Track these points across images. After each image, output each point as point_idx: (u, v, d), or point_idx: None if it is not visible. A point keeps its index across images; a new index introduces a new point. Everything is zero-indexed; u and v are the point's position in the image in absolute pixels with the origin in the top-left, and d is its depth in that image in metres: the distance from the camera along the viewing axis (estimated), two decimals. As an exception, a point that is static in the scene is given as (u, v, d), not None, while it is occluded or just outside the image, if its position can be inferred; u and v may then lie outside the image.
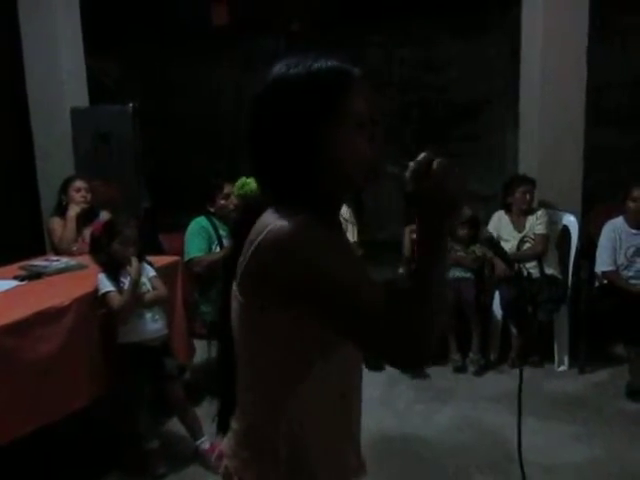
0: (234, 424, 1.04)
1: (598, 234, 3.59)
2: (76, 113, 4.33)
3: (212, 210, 3.39)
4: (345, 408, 1.05)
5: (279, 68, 0.93)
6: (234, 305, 0.97)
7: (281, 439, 0.98)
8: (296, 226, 0.86)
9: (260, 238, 0.88)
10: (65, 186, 3.60)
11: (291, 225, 0.86)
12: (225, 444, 1.06)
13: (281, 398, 0.98)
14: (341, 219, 1.11)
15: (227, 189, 3.37)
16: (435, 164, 0.84)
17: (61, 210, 3.56)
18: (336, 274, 0.86)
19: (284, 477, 0.98)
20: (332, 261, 0.87)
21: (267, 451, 0.99)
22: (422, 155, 0.86)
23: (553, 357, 3.60)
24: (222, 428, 1.09)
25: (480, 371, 3.59)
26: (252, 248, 0.89)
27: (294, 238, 0.85)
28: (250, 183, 3.26)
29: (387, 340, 0.85)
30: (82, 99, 4.49)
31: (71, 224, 3.47)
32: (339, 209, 1.04)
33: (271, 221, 0.88)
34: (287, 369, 0.96)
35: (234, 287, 0.96)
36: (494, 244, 1.01)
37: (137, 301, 2.54)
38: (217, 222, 3.36)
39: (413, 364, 0.92)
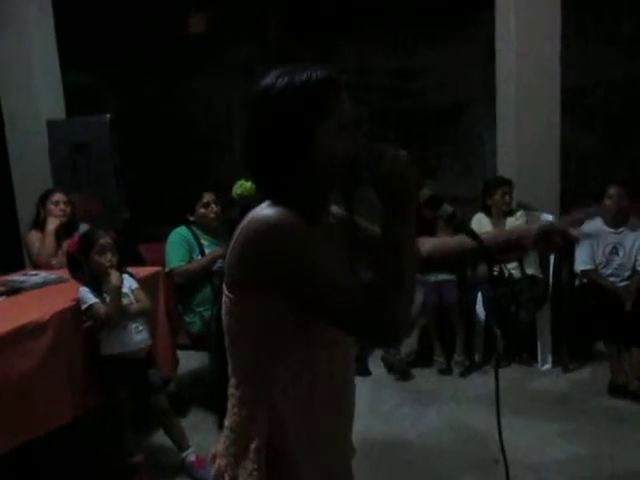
0: (226, 422, 1.06)
1: (577, 233, 3.64)
2: (52, 125, 4.29)
3: (192, 219, 3.36)
4: (328, 408, 1.06)
5: (271, 76, 0.99)
6: (223, 301, 1.02)
7: (262, 436, 1.00)
8: (274, 215, 0.92)
9: (241, 228, 0.94)
10: (43, 199, 3.54)
11: (269, 215, 0.93)
12: (219, 443, 1.08)
13: (261, 393, 1.00)
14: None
15: (207, 198, 3.35)
16: (387, 152, 0.95)
17: (39, 223, 3.51)
18: (311, 260, 0.92)
19: (264, 473, 1.00)
20: (308, 247, 0.93)
21: (250, 449, 1.00)
22: (378, 146, 0.96)
23: (536, 356, 3.63)
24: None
25: (465, 372, 3.61)
26: (235, 238, 0.95)
27: (271, 226, 0.92)
28: (246, 184, 3.25)
29: (361, 317, 0.91)
30: (58, 111, 4.45)
31: (50, 238, 3.42)
32: (326, 206, 1.10)
33: (254, 212, 0.95)
34: (265, 361, 1.00)
35: (224, 285, 1.01)
36: (458, 220, 1.02)
37: (122, 312, 2.51)
38: (198, 231, 3.34)
39: (388, 339, 0.98)
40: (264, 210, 0.94)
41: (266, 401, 1.00)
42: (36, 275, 3.05)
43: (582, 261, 3.57)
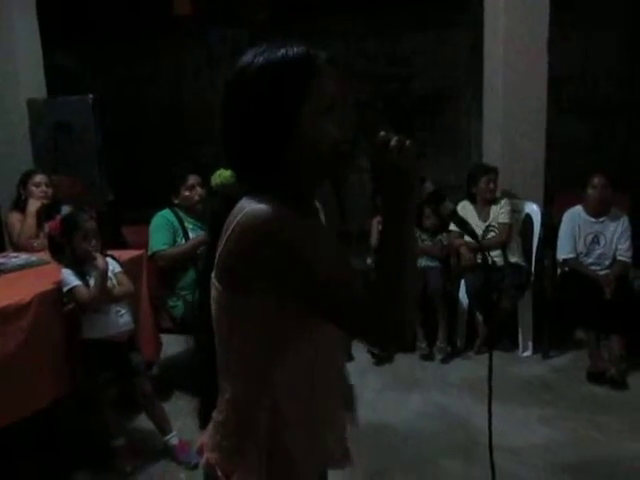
0: (215, 415, 1.04)
1: (560, 222, 3.68)
2: (33, 104, 4.20)
3: (176, 202, 3.33)
4: (325, 396, 1.06)
5: (248, 55, 0.95)
6: (213, 294, 0.98)
7: (260, 429, 0.98)
8: (270, 210, 0.88)
9: (235, 223, 0.90)
10: (24, 180, 3.49)
11: (265, 209, 0.88)
12: (207, 436, 1.05)
13: (259, 386, 0.98)
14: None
15: (191, 180, 3.31)
16: (392, 142, 0.89)
17: (20, 205, 3.46)
18: (311, 256, 0.89)
19: (264, 467, 0.99)
20: (306, 243, 0.89)
21: (246, 445, 0.99)
22: (381, 134, 0.90)
23: (517, 343, 3.67)
24: (204, 421, 1.08)
25: (447, 359, 3.65)
26: (227, 233, 0.91)
27: (268, 222, 0.88)
28: (225, 173, 3.20)
29: (365, 318, 0.88)
30: (39, 90, 4.36)
31: (31, 219, 3.37)
32: (313, 194, 1.06)
33: (245, 206, 0.90)
34: (264, 355, 0.97)
35: (212, 276, 0.97)
36: (459, 218, 0.99)
37: (106, 296, 2.49)
38: (182, 214, 3.30)
39: (394, 337, 0.91)
40: (257, 205, 0.89)
41: (264, 397, 0.97)
42: (17, 257, 3.01)
43: (564, 250, 3.61)
